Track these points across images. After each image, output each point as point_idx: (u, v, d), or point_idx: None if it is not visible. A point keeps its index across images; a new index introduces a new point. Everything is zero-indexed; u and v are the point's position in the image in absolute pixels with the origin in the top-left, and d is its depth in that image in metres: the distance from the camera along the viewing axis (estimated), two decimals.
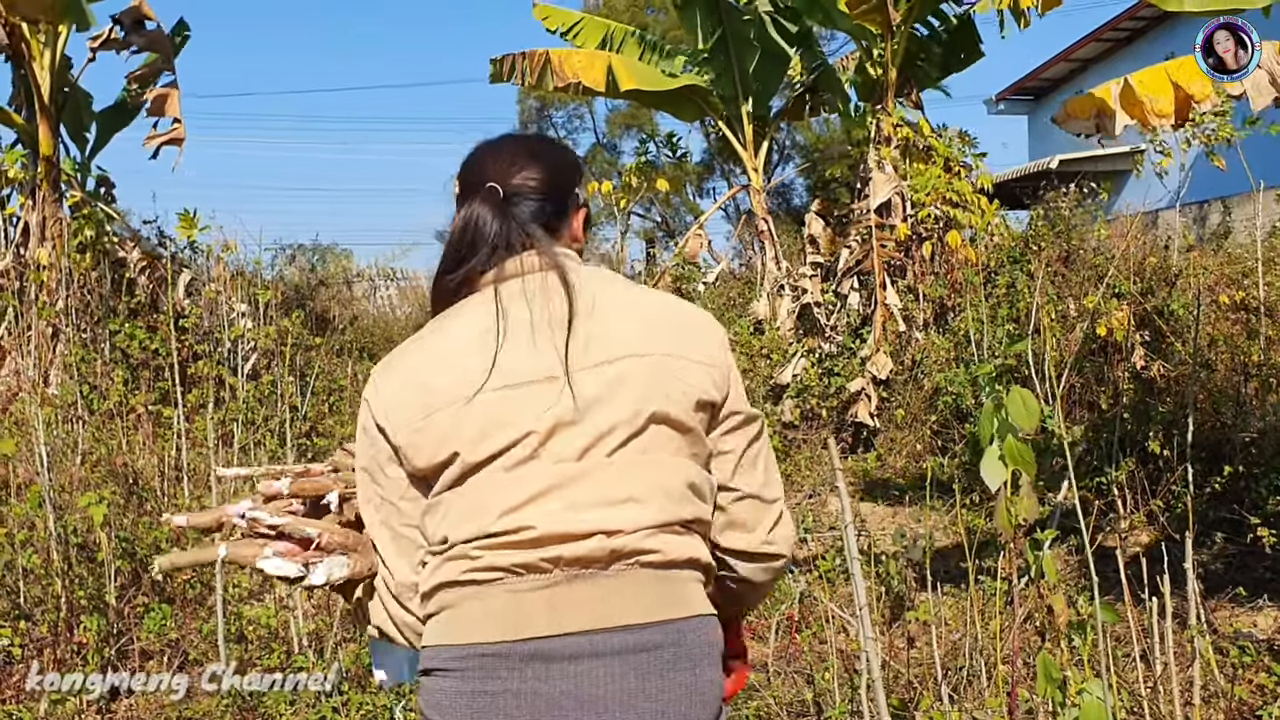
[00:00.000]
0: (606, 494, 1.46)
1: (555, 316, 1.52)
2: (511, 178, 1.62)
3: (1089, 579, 4.88)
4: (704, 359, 1.56)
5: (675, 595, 1.48)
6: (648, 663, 1.44)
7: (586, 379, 1.48)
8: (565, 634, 1.43)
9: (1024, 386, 4.83)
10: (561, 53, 10.50)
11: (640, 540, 1.46)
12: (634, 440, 1.48)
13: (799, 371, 8.12)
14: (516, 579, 1.45)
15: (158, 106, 7.97)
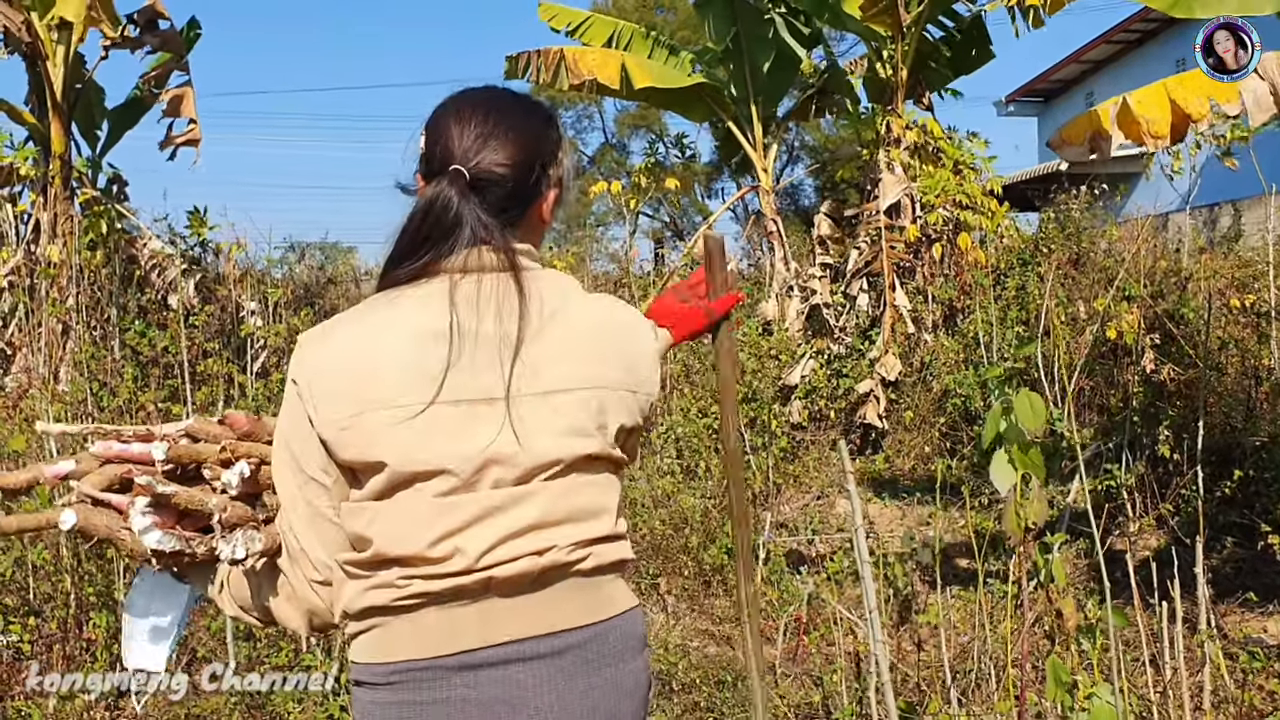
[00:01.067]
0: (542, 518, 1.45)
1: (505, 333, 1.45)
2: (479, 159, 1.50)
3: (1098, 582, 4.87)
4: (641, 388, 1.58)
5: (599, 599, 1.51)
6: (573, 662, 1.47)
7: (532, 407, 1.45)
8: (494, 645, 1.43)
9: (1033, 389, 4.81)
10: (576, 51, 10.52)
11: (569, 554, 1.46)
12: (572, 473, 1.48)
13: (807, 373, 8.11)
14: (445, 604, 1.43)
15: (174, 107, 7.99)
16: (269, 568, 1.53)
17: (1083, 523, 5.60)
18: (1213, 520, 5.19)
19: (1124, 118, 5.11)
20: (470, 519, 1.41)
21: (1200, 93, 4.98)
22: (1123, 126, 5.12)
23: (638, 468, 6.34)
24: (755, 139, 10.82)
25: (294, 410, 1.48)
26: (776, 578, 5.03)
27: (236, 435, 1.60)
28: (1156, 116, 5.00)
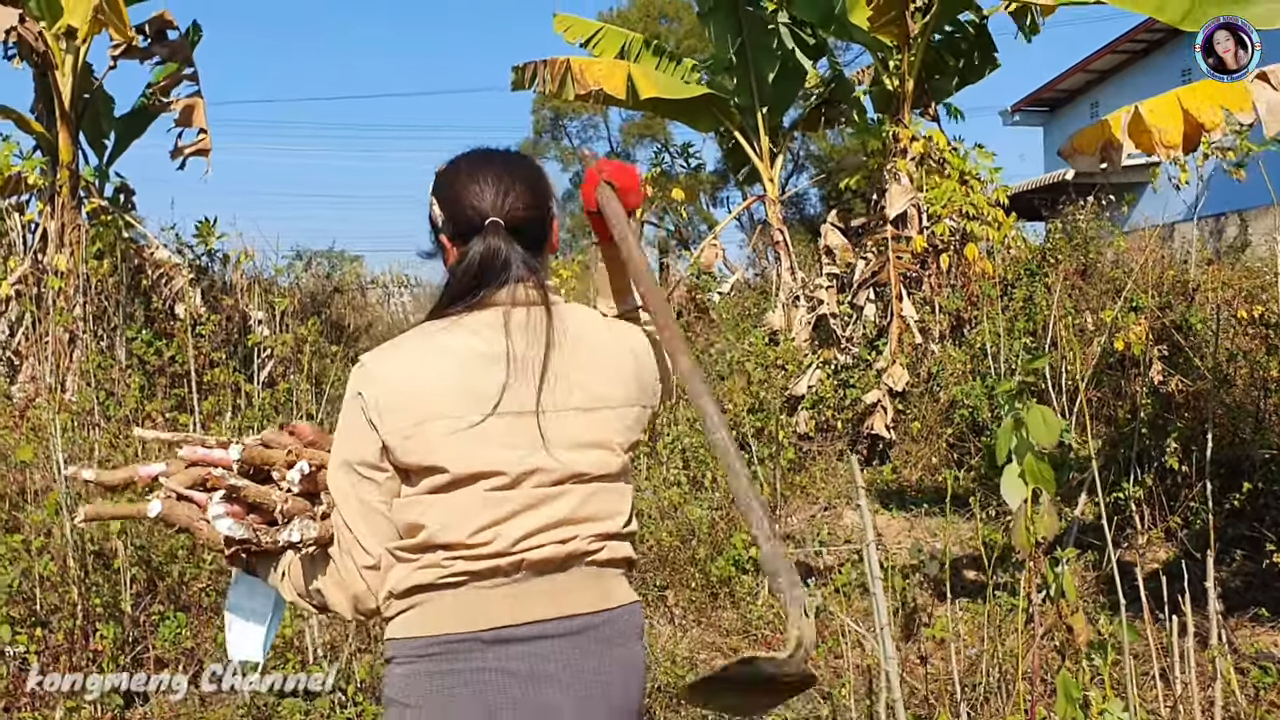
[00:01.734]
0: (570, 514, 1.70)
1: (538, 357, 1.70)
2: (509, 209, 1.76)
3: (1106, 595, 4.85)
4: (651, 402, 1.86)
5: (609, 589, 1.76)
6: (589, 641, 1.71)
7: (565, 421, 1.71)
8: (531, 622, 1.67)
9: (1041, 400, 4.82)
10: (582, 61, 10.54)
11: (589, 544, 1.72)
12: (597, 480, 1.73)
13: (814, 383, 8.10)
14: (484, 581, 1.66)
15: (185, 117, 8.02)
16: (323, 559, 1.76)
17: (1091, 535, 5.58)
18: (1221, 533, 5.17)
19: (1135, 127, 5.10)
20: (511, 512, 1.67)
21: (1213, 101, 4.97)
22: (1134, 136, 5.11)
23: (643, 478, 6.33)
24: (761, 149, 10.82)
25: (354, 419, 1.71)
26: None
27: (303, 443, 1.86)
28: (1168, 126, 4.99)
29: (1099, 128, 5.28)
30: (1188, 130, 4.93)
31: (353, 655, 3.94)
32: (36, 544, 4.13)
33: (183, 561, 4.53)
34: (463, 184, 1.78)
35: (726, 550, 5.26)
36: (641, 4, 34.15)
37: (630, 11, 33.76)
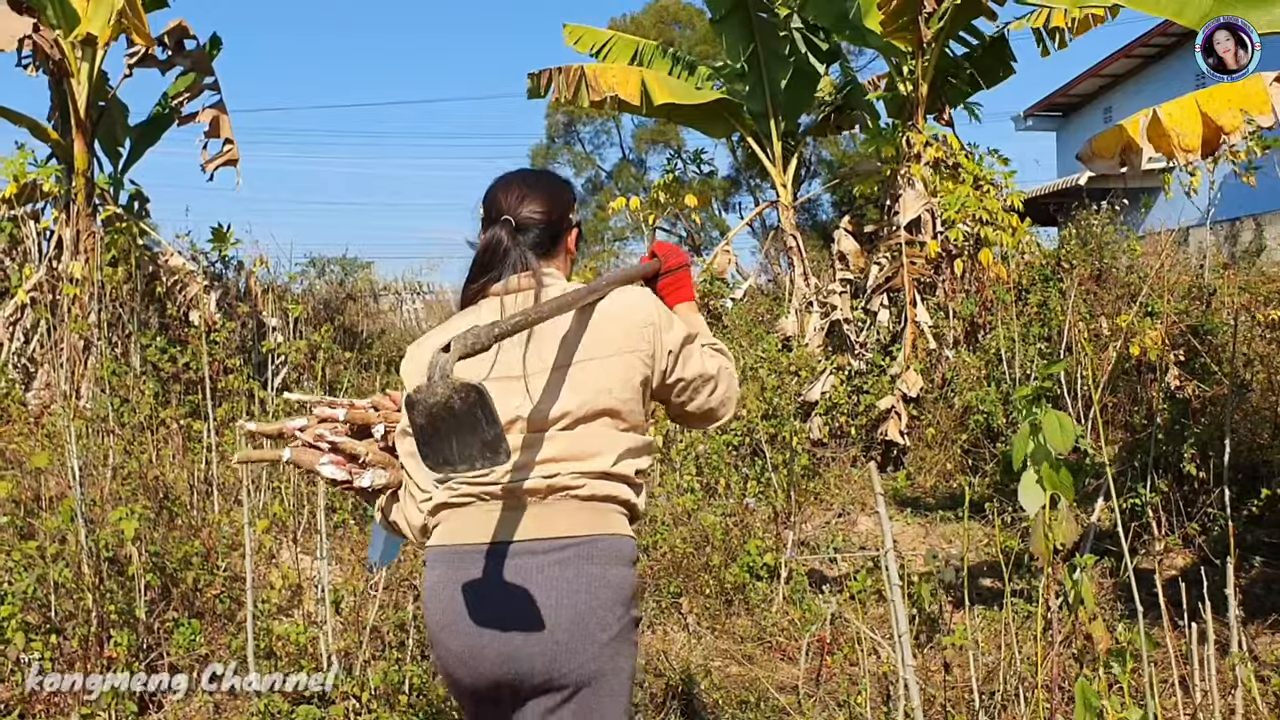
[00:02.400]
0: (553, 455, 2.07)
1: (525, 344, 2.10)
2: (520, 211, 2.20)
3: (1124, 602, 4.82)
4: (640, 348, 2.14)
5: (593, 519, 2.08)
6: (566, 558, 2.05)
7: (549, 379, 2.09)
8: (515, 540, 2.06)
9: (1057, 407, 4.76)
10: (597, 67, 10.56)
11: (570, 480, 2.06)
12: (581, 425, 2.09)
13: (828, 389, 8.07)
14: (484, 503, 2.09)
15: (213, 129, 8.06)
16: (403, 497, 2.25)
17: (1108, 542, 5.55)
18: (1240, 539, 5.13)
19: (1154, 131, 5.08)
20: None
21: (1231, 105, 4.94)
22: (1153, 140, 5.09)
23: (657, 485, 6.32)
24: (774, 154, 10.81)
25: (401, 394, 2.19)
26: (798, 597, 4.99)
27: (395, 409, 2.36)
28: (1187, 129, 4.97)
29: (1118, 131, 5.25)
30: (1206, 134, 4.90)
31: (366, 663, 3.93)
32: (51, 551, 4.13)
33: (197, 568, 4.53)
34: (496, 188, 2.25)
35: (740, 557, 5.24)
36: (654, 10, 34.19)
37: (643, 17, 33.81)
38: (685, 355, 2.22)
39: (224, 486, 5.69)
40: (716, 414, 2.32)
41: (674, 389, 2.23)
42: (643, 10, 34.41)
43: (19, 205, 7.94)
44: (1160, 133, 4.99)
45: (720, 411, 2.31)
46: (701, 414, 2.30)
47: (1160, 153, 5.06)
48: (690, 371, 2.23)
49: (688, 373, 2.23)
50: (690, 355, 2.23)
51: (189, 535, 4.90)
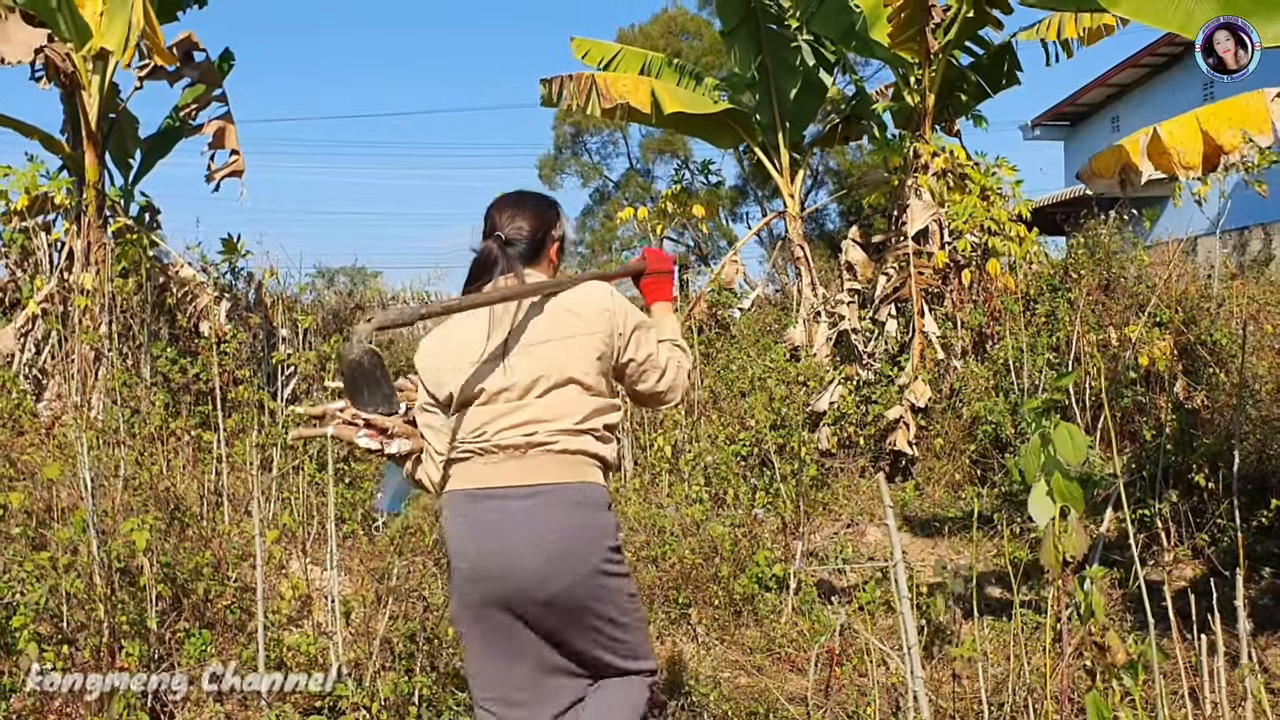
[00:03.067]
0: (532, 417, 2.61)
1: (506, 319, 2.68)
2: (509, 227, 2.76)
3: (1133, 613, 4.81)
4: (595, 331, 2.66)
5: (569, 469, 2.62)
6: (543, 503, 2.58)
7: (522, 358, 2.64)
8: (505, 485, 2.61)
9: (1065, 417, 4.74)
10: (607, 76, 10.62)
11: (545, 438, 2.60)
12: (552, 391, 2.62)
13: (836, 399, 8.07)
14: (481, 457, 2.64)
15: (218, 140, 8.10)
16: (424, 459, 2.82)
17: (1117, 553, 5.54)
18: (1250, 550, 5.12)
19: (1154, 148, 5.09)
20: (493, 416, 2.63)
21: (1232, 123, 4.95)
22: (1153, 157, 5.10)
23: (665, 495, 6.33)
24: (782, 165, 10.83)
25: (419, 378, 2.80)
26: (807, 608, 5.00)
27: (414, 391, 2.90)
28: (1187, 147, 4.98)
29: (1117, 151, 5.27)
30: (1207, 151, 4.91)
31: (376, 673, 3.94)
32: (63, 561, 4.15)
33: (207, 579, 4.55)
34: (492, 208, 2.83)
35: (749, 568, 5.24)
36: (662, 21, 34.29)
37: (651, 28, 33.91)
38: (636, 340, 2.73)
39: (234, 497, 5.71)
40: (663, 397, 2.83)
41: (626, 367, 2.74)
42: (650, 21, 34.54)
43: (31, 217, 7.98)
44: (1160, 150, 5.00)
45: (667, 395, 2.83)
46: (650, 394, 2.81)
47: (1160, 170, 5.06)
48: (640, 354, 2.74)
49: (639, 355, 2.74)
50: (641, 341, 2.74)
51: (200, 546, 4.91)
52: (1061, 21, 9.49)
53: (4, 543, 4.37)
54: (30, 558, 4.17)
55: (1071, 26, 9.47)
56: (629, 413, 6.84)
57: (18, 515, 4.67)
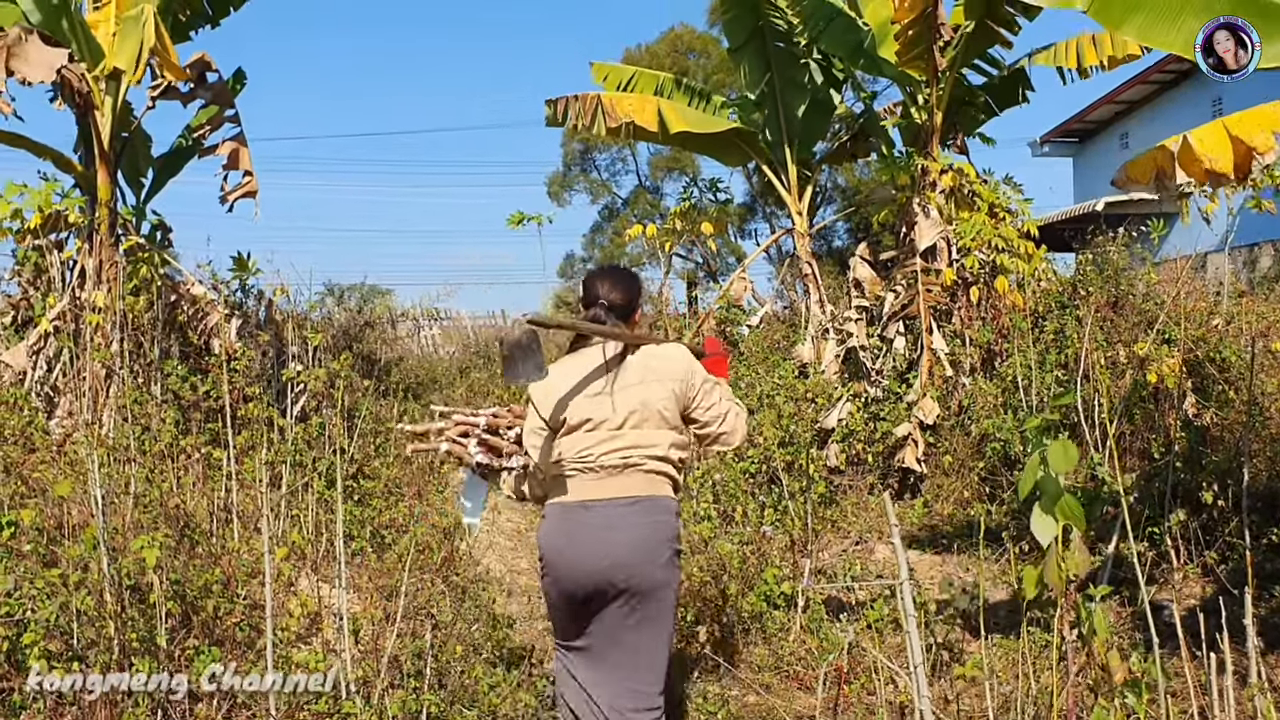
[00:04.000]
0: (628, 444, 3.37)
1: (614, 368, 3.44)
2: (610, 296, 3.50)
3: (1141, 632, 4.80)
4: (675, 379, 3.44)
5: (652, 485, 3.40)
6: (639, 509, 3.35)
7: (621, 395, 3.39)
8: (603, 498, 3.36)
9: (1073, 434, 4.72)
10: (613, 95, 10.70)
11: (638, 460, 3.37)
12: (644, 424, 3.38)
13: (844, 416, 8.07)
14: (584, 474, 3.38)
15: (232, 161, 8.15)
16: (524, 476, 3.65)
17: (1126, 571, 5.53)
18: (1259, 568, 5.10)
19: (1185, 156, 5.08)
20: (597, 441, 3.37)
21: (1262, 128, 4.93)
22: (1184, 165, 5.08)
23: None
24: (790, 182, 10.86)
25: (531, 409, 3.52)
26: (816, 626, 4.99)
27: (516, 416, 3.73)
28: (1218, 154, 4.96)
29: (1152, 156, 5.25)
30: (1238, 158, 4.89)
31: (385, 691, 3.95)
32: (74, 579, 4.17)
33: (217, 596, 4.57)
34: (591, 280, 3.60)
35: (758, 586, 5.24)
36: (670, 39, 34.40)
37: (658, 47, 34.01)
38: (705, 391, 3.51)
39: (244, 514, 5.74)
40: (724, 440, 3.57)
41: (694, 412, 3.50)
42: (658, 40, 34.63)
43: (44, 236, 8.03)
44: (1191, 158, 4.98)
45: (727, 439, 3.57)
46: (712, 438, 3.56)
47: (1193, 177, 5.05)
48: (708, 403, 3.51)
49: (706, 403, 3.51)
50: (709, 393, 3.52)
51: (209, 563, 4.93)
52: (1081, 48, 9.50)
53: (15, 560, 4.38)
54: (41, 575, 4.19)
55: (1092, 53, 9.49)
56: None
57: (29, 532, 4.70)
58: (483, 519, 5.19)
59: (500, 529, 7.71)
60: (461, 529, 5.69)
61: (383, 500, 6.74)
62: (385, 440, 8.28)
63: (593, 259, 38.06)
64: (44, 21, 7.59)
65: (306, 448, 6.33)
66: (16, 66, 7.28)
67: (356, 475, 7.15)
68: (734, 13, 10.61)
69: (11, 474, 5.85)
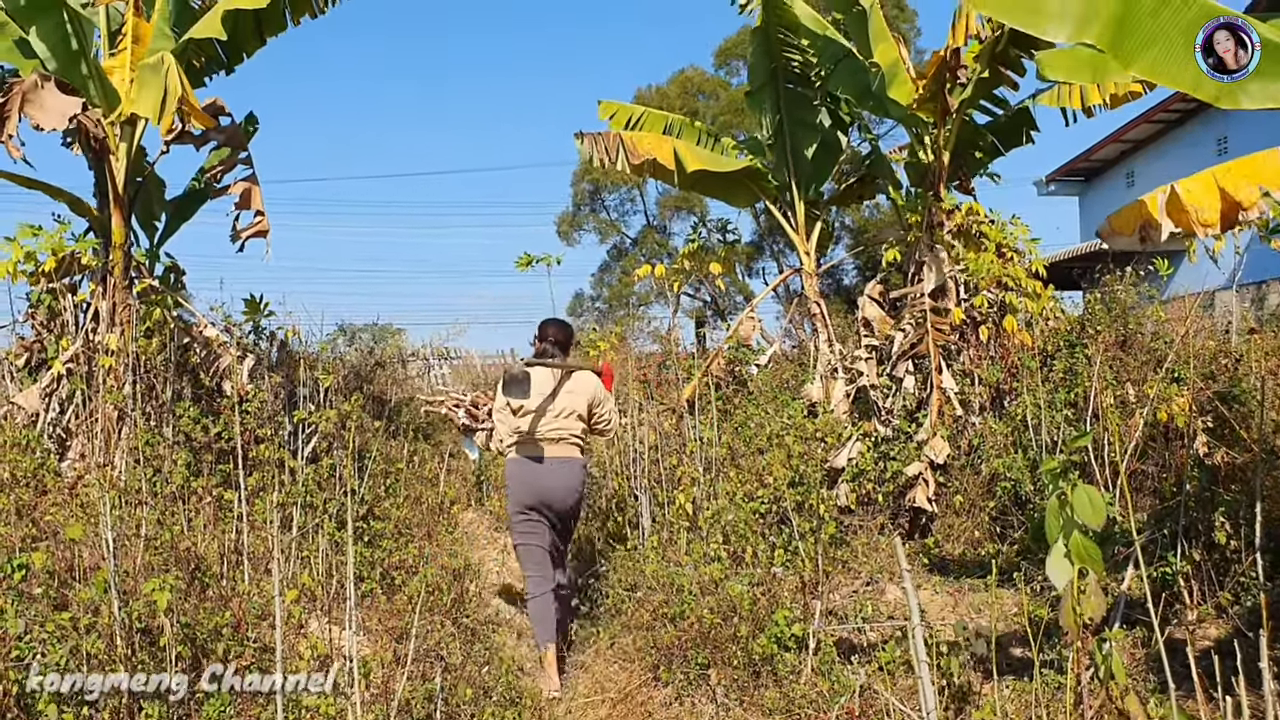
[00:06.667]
0: (560, 426, 6.09)
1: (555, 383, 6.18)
2: (556, 336, 6.35)
3: (1155, 673, 4.76)
4: (588, 394, 6.19)
5: (573, 451, 6.13)
6: (565, 464, 6.10)
7: (558, 399, 6.11)
8: (550, 456, 6.08)
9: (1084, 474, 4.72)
10: (634, 134, 10.82)
11: (566, 435, 6.10)
12: (574, 415, 6.12)
13: (854, 455, 8.06)
14: (535, 441, 6.08)
15: (244, 201, 8.22)
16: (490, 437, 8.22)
17: (1138, 611, 5.49)
18: (1275, 609, 5.06)
19: (1173, 206, 5.12)
20: (543, 423, 6.09)
21: (1249, 180, 4.97)
22: (1172, 215, 5.12)
23: (684, 553, 6.32)
24: (798, 222, 10.92)
25: (499, 395, 6.22)
26: (827, 668, 4.96)
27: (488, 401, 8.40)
28: (1205, 205, 5.00)
29: (1136, 208, 5.28)
30: (1225, 209, 4.93)
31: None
32: (84, 622, 4.18)
33: (227, 639, 4.56)
34: (544, 325, 6.39)
35: (768, 627, 5.22)
36: (679, 81, 34.71)
37: (669, 89, 34.30)
38: (601, 402, 6.23)
39: (254, 556, 5.74)
40: (606, 433, 6.44)
41: (593, 414, 6.21)
42: (668, 81, 34.95)
43: (58, 279, 8.09)
44: (1179, 208, 5.01)
45: (607, 429, 6.40)
46: (600, 430, 6.35)
47: (1180, 227, 5.07)
48: (602, 411, 6.25)
49: (601, 411, 6.24)
50: (604, 403, 6.24)
51: (219, 606, 4.93)
52: (1084, 87, 9.57)
53: (26, 603, 4.39)
54: (52, 618, 4.20)
55: (1095, 93, 9.56)
56: (646, 471, 7.36)
57: (40, 575, 4.71)
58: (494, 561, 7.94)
59: (511, 570, 7.69)
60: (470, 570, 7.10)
61: (392, 541, 6.74)
62: (395, 481, 8.29)
63: (601, 297, 38.20)
64: (61, 68, 7.70)
65: (317, 489, 6.35)
66: (32, 113, 7.38)
67: (366, 516, 7.15)
68: (755, 57, 10.77)
69: (23, 516, 5.87)
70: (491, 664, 5.34)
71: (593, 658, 5.89)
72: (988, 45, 8.56)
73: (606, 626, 6.12)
